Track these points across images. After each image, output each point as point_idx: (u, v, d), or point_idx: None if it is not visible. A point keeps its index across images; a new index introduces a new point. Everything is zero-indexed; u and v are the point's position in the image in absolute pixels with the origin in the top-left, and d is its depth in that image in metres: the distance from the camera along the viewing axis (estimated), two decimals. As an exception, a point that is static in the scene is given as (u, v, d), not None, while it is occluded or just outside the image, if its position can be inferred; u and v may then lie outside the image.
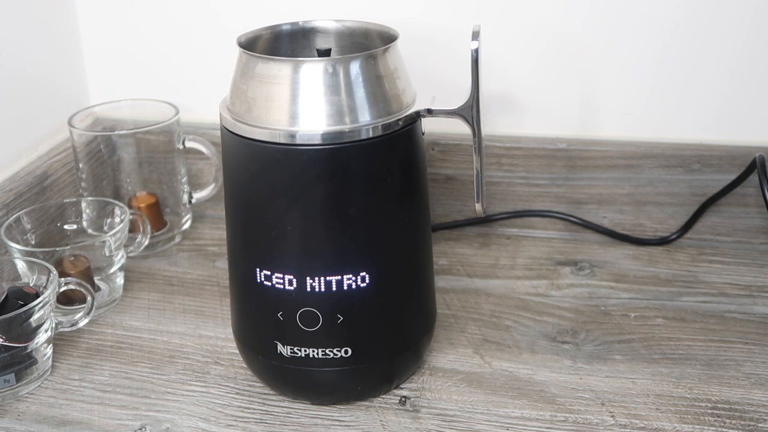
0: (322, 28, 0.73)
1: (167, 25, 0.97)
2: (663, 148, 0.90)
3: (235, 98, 0.66)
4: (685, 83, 0.89)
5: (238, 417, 0.69)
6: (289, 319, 0.66)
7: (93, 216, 0.90)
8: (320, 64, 0.63)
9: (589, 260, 0.89)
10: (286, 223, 0.64)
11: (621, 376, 0.72)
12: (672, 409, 0.68)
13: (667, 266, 0.87)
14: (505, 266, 0.88)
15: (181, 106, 0.94)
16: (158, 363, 0.75)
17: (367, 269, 0.65)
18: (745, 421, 0.66)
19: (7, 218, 0.83)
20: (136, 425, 0.68)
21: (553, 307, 0.81)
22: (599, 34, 0.89)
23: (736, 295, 0.82)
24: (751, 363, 0.73)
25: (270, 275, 0.66)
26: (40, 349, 0.73)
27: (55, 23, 0.97)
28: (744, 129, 0.90)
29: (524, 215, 0.94)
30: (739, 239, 0.90)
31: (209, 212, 1.00)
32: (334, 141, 0.63)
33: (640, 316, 0.80)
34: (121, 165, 0.93)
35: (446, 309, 0.81)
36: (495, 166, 0.93)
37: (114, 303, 0.84)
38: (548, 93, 0.92)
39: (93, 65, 1.02)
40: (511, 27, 0.90)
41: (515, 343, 0.76)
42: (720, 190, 0.88)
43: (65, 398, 0.72)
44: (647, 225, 0.92)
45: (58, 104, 0.98)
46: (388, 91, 0.65)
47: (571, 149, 0.92)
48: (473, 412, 0.68)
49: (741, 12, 0.86)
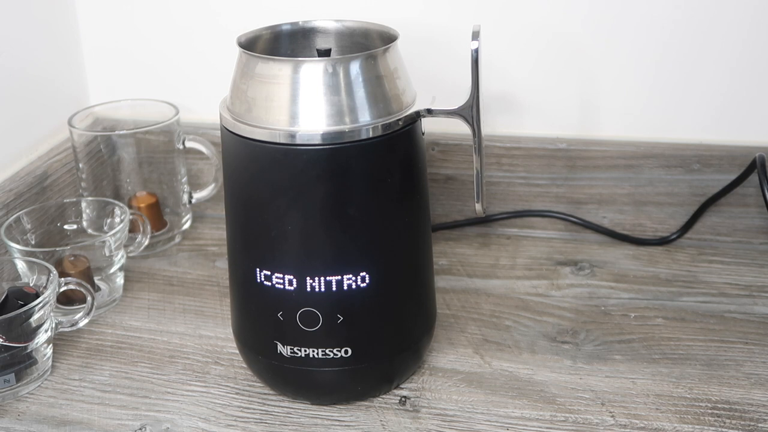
0: (322, 28, 0.73)
1: (167, 25, 0.97)
2: (663, 148, 0.90)
3: (235, 98, 0.66)
4: (685, 83, 0.89)
5: (238, 417, 0.69)
6: (289, 319, 0.66)
7: (93, 216, 0.90)
8: (320, 64, 0.63)
9: (589, 260, 0.89)
10: (286, 223, 0.64)
11: (621, 376, 0.72)
12: (672, 409, 0.68)
13: (667, 266, 0.87)
14: (505, 266, 0.88)
15: (181, 106, 0.94)
16: (158, 363, 0.75)
17: (367, 269, 0.65)
18: (745, 421, 0.66)
19: (7, 218, 0.83)
20: (136, 425, 0.68)
21: (553, 307, 0.81)
22: (599, 34, 0.89)
23: (736, 295, 0.82)
24: (751, 363, 0.73)
25: (270, 275, 0.66)
26: (40, 349, 0.73)
27: (55, 23, 0.97)
28: (744, 129, 0.90)
29: (524, 215, 0.94)
30: (739, 239, 0.90)
31: (209, 212, 1.00)
32: (334, 141, 0.63)
33: (640, 316, 0.80)
34: (121, 165, 0.93)
35: (446, 309, 0.81)
36: (495, 166, 0.93)
37: (114, 303, 0.84)
38: (548, 93, 0.92)
39: (93, 65, 1.02)
40: (511, 27, 0.90)
41: (515, 343, 0.76)
42: (720, 190, 0.88)
43: (65, 398, 0.72)
44: (647, 225, 0.92)
45: (58, 104, 0.98)
46: (388, 91, 0.65)
47: (571, 149, 0.92)
48: (473, 412, 0.68)
49: (741, 12, 0.86)
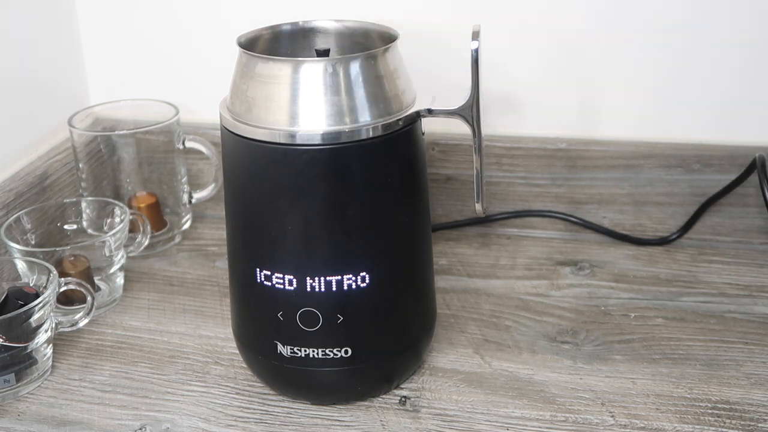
0: (322, 28, 0.73)
1: (167, 25, 0.97)
2: (663, 148, 0.90)
3: (235, 98, 0.66)
4: (685, 83, 0.89)
5: (238, 417, 0.69)
6: (289, 319, 0.66)
7: (93, 216, 0.90)
8: (320, 64, 0.63)
9: (589, 260, 0.89)
10: (286, 223, 0.64)
11: (621, 376, 0.72)
12: (672, 409, 0.68)
13: (667, 266, 0.87)
14: (505, 266, 0.88)
15: (181, 106, 0.94)
16: (158, 363, 0.75)
17: (367, 269, 0.65)
18: (745, 421, 0.66)
19: (7, 218, 0.83)
20: (136, 425, 0.68)
21: (553, 307, 0.81)
22: (599, 34, 0.89)
23: (736, 295, 0.82)
24: (751, 363, 0.73)
25: (270, 275, 0.66)
26: (40, 349, 0.73)
27: (56, 23, 0.97)
28: (744, 129, 0.90)
29: (524, 215, 0.94)
30: (739, 239, 0.90)
31: (209, 212, 1.00)
32: (334, 141, 0.63)
33: (640, 316, 0.80)
34: (121, 165, 0.93)
35: (446, 309, 0.81)
36: (495, 166, 0.93)
37: (114, 303, 0.84)
38: (548, 93, 0.92)
39: (93, 65, 1.02)
40: (511, 27, 0.90)
41: (515, 343, 0.76)
42: (720, 190, 0.88)
43: (65, 398, 0.72)
44: (647, 225, 0.92)
45: (58, 104, 0.98)
46: (388, 91, 0.65)
47: (571, 149, 0.92)
48: (473, 412, 0.68)
49: (741, 12, 0.86)
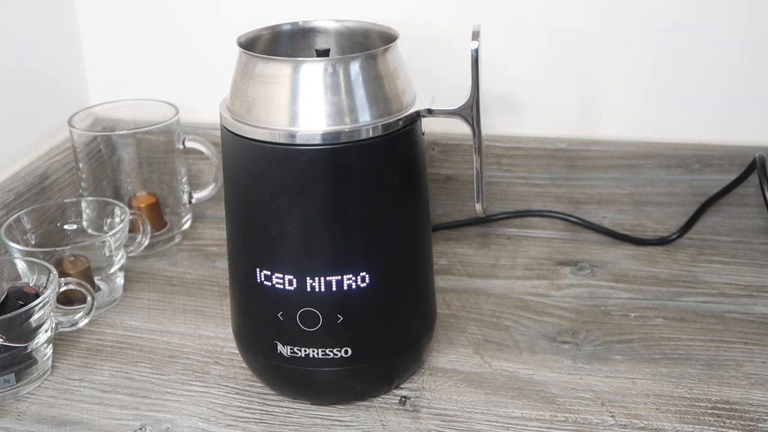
0: (322, 28, 0.73)
1: (167, 25, 0.97)
2: (663, 148, 0.90)
3: (235, 98, 0.66)
4: (684, 83, 0.89)
5: (238, 417, 0.69)
6: (289, 319, 0.66)
7: (93, 216, 0.90)
8: (320, 64, 0.63)
9: (589, 260, 0.89)
10: (286, 223, 0.64)
11: (621, 376, 0.72)
12: (672, 409, 0.68)
13: (667, 266, 0.87)
14: (505, 266, 0.88)
15: (181, 106, 0.94)
16: (158, 363, 0.75)
17: (367, 269, 0.65)
18: (745, 421, 0.66)
19: (7, 218, 0.83)
20: (136, 425, 0.68)
21: (553, 307, 0.81)
22: (599, 34, 0.89)
23: (736, 295, 0.82)
24: (751, 363, 0.73)
25: (270, 275, 0.66)
26: (40, 349, 0.73)
27: (56, 23, 0.97)
28: (743, 129, 0.90)
29: (524, 215, 0.94)
30: (739, 239, 0.90)
31: (209, 212, 1.00)
32: (334, 141, 0.63)
33: (640, 316, 0.80)
34: (121, 165, 0.93)
35: (446, 309, 0.81)
36: (495, 166, 0.93)
37: (114, 303, 0.84)
38: (548, 93, 0.92)
39: (93, 65, 1.02)
40: (511, 27, 0.90)
41: (515, 343, 0.76)
42: (720, 190, 0.88)
43: (65, 398, 0.72)
44: (647, 225, 0.92)
45: (58, 104, 0.98)
46: (388, 91, 0.65)
47: (571, 149, 0.92)
48: (473, 412, 0.68)
49: (741, 12, 0.86)
